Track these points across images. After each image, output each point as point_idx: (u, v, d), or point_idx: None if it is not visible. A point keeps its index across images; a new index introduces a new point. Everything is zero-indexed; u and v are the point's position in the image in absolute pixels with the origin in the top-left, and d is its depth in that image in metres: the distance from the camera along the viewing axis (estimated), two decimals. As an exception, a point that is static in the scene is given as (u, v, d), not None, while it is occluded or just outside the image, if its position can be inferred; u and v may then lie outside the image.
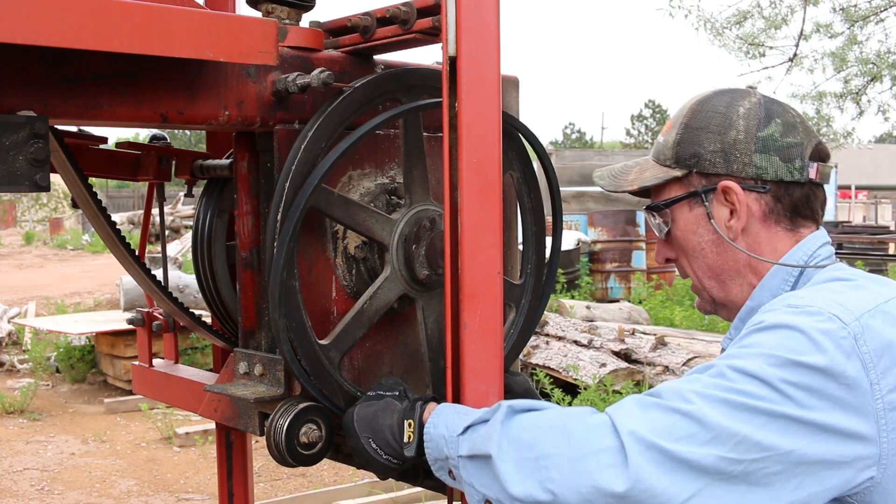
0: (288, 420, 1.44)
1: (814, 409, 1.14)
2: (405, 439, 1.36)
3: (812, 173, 1.39)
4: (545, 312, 7.53)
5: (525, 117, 1.75)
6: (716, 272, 1.44)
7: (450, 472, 1.31)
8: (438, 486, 1.49)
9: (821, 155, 1.42)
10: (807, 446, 1.14)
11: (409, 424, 1.37)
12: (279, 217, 1.42)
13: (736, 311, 1.45)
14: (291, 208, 1.42)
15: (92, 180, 1.61)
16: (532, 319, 1.77)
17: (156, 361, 2.07)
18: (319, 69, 1.45)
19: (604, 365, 6.50)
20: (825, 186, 1.45)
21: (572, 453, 1.16)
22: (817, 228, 1.42)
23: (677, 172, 1.44)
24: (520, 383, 1.68)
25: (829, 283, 1.33)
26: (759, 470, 1.13)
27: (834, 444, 1.15)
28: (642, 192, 1.52)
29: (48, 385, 8.55)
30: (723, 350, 1.42)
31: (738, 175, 1.39)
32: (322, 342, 1.48)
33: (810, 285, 1.36)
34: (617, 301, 10.88)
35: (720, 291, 1.45)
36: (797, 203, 1.40)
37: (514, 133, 1.67)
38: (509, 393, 1.59)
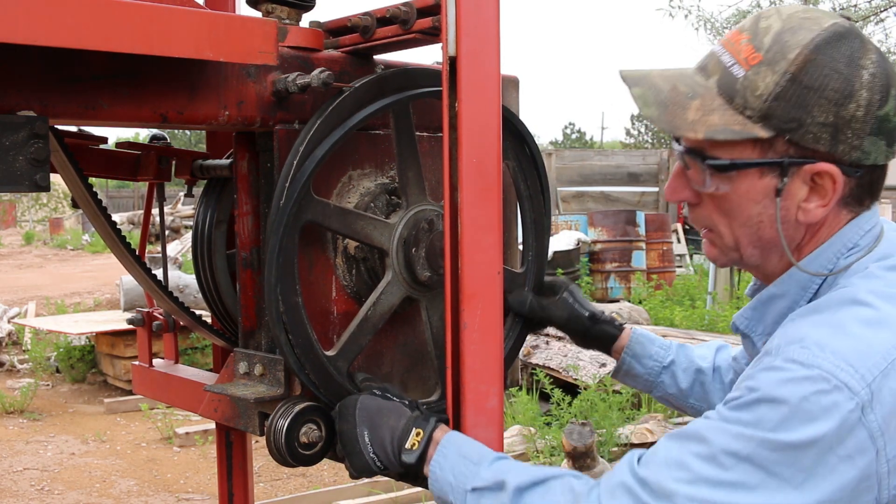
0: (288, 420, 1.44)
1: (813, 492, 1.04)
2: (408, 445, 1.34)
3: None
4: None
5: (525, 117, 1.75)
6: (764, 244, 1.24)
7: None
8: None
9: None
10: None
11: (418, 434, 1.34)
12: (275, 220, 1.43)
13: (760, 276, 1.31)
14: (275, 223, 1.41)
15: (92, 180, 1.61)
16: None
17: (156, 361, 2.07)
18: (319, 69, 1.45)
19: (604, 365, 6.50)
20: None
21: None
22: (874, 203, 1.25)
23: (762, 133, 1.16)
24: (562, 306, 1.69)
25: (853, 308, 1.13)
26: None
27: None
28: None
29: (48, 385, 8.55)
30: (735, 328, 1.34)
31: (841, 157, 1.16)
32: (329, 353, 1.48)
33: (847, 277, 1.20)
34: (617, 301, 10.87)
35: (758, 259, 1.27)
36: (874, 184, 1.22)
37: (506, 121, 1.67)
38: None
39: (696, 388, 1.73)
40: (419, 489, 4.33)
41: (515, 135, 1.70)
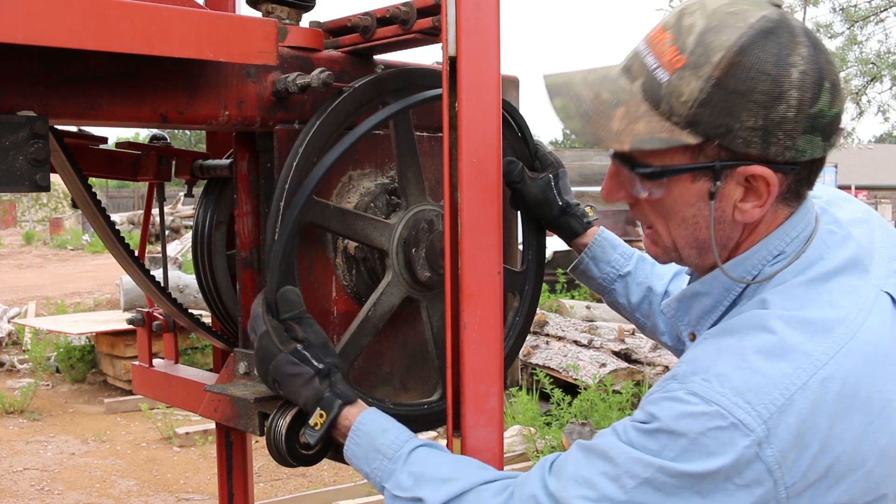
0: (288, 420, 1.44)
1: None
2: (311, 422, 1.35)
3: (838, 140, 1.17)
4: (545, 312, 7.53)
5: (525, 117, 1.74)
6: (701, 244, 1.22)
7: None
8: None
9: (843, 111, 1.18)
10: None
11: (322, 415, 1.35)
12: (278, 227, 1.43)
13: (699, 273, 1.29)
14: (280, 232, 1.42)
15: (92, 180, 1.61)
16: (534, 304, 1.78)
17: (156, 361, 2.07)
18: (319, 69, 1.45)
19: (604, 365, 6.50)
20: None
21: None
22: (802, 203, 1.21)
23: (690, 139, 1.12)
24: None
25: (759, 336, 1.11)
26: None
27: None
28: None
29: (48, 385, 8.55)
30: (662, 313, 1.34)
31: (774, 158, 1.12)
32: None
33: (767, 288, 1.18)
34: (617, 301, 10.86)
35: (696, 259, 1.25)
36: (813, 175, 1.18)
37: (506, 118, 1.67)
38: None
39: (643, 305, 1.75)
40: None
41: (515, 129, 1.71)
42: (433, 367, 1.64)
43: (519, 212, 1.80)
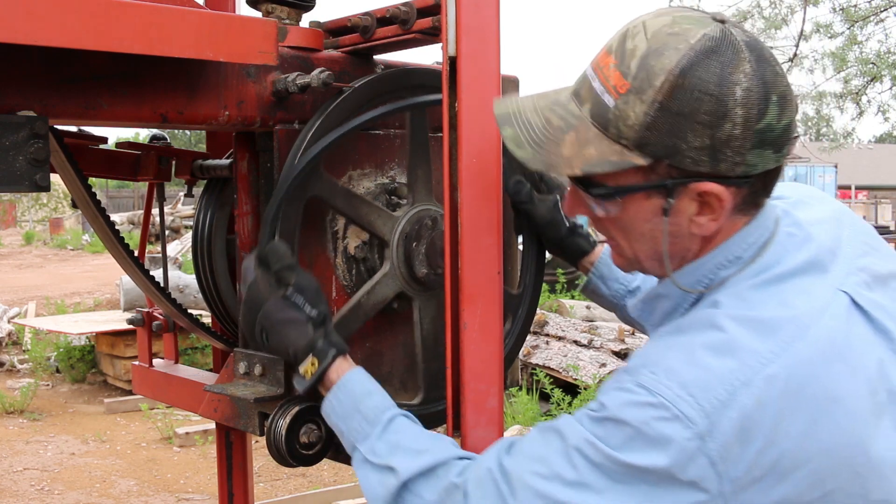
0: (288, 420, 1.44)
1: (658, 500, 1.08)
2: (302, 371, 1.34)
3: (792, 150, 1.18)
4: (545, 312, 7.54)
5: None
6: (661, 256, 1.23)
7: None
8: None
9: (796, 120, 1.19)
10: None
11: (314, 363, 1.33)
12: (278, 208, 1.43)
13: (660, 278, 1.30)
14: (280, 182, 1.42)
15: (92, 180, 1.61)
16: (527, 327, 1.78)
17: (156, 361, 2.07)
18: (319, 69, 1.45)
19: (604, 365, 6.50)
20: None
21: None
22: (762, 206, 1.21)
23: (641, 160, 1.13)
24: None
25: (708, 333, 1.13)
26: None
27: None
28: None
29: (48, 385, 8.55)
30: (630, 314, 1.36)
31: (725, 174, 1.13)
32: None
33: (720, 291, 1.19)
34: (617, 301, 10.87)
35: (658, 270, 1.26)
36: (767, 186, 1.19)
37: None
38: None
39: None
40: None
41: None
42: (418, 370, 1.63)
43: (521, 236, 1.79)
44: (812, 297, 1.16)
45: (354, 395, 1.33)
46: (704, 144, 1.10)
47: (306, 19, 1.62)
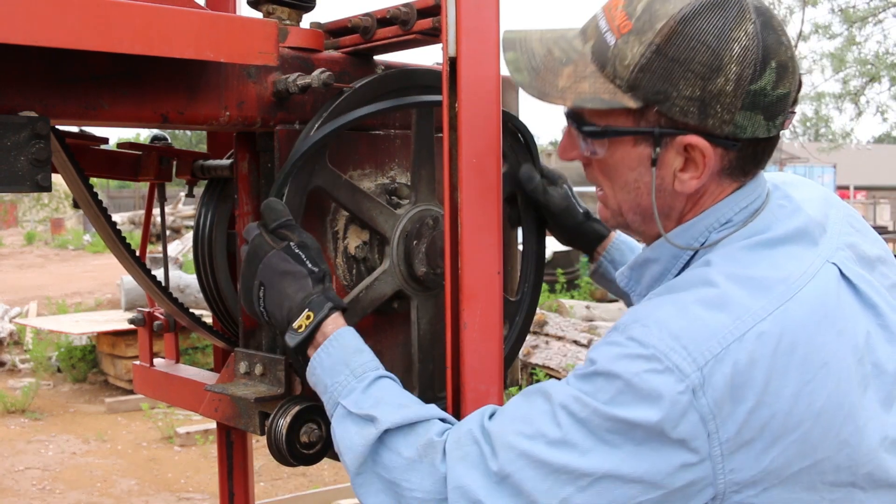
0: (288, 419, 1.45)
1: (641, 464, 1.06)
2: (296, 325, 1.30)
3: (787, 125, 1.18)
4: (545, 312, 7.54)
5: (525, 117, 1.75)
6: (643, 210, 1.24)
7: None
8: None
9: (798, 96, 1.20)
10: (635, 501, 1.07)
11: (309, 317, 1.30)
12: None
13: (646, 242, 1.31)
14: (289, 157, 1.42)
15: (93, 180, 1.62)
16: (524, 333, 1.78)
17: (157, 361, 2.08)
18: (320, 70, 1.46)
19: (604, 365, 6.50)
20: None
21: (414, 495, 1.18)
22: (752, 179, 1.22)
23: (631, 103, 1.14)
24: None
25: (701, 289, 1.13)
26: None
27: (664, 496, 1.07)
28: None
29: (49, 385, 8.56)
30: (618, 283, 1.36)
31: (712, 131, 1.13)
32: None
33: (712, 252, 1.19)
34: (616, 301, 10.88)
35: (640, 225, 1.28)
36: (758, 155, 1.19)
37: (514, 132, 1.67)
38: None
39: None
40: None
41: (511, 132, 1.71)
42: (413, 370, 1.63)
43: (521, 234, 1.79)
44: (802, 263, 1.17)
45: (346, 349, 1.30)
46: (695, 95, 1.11)
47: (307, 20, 1.63)
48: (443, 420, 1.26)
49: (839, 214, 1.31)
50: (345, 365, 1.29)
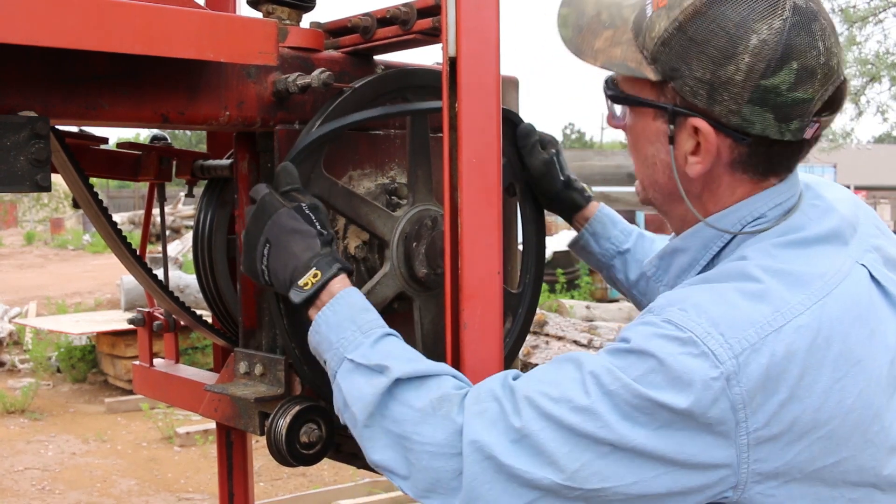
0: (288, 420, 1.45)
1: (664, 444, 1.05)
2: (302, 283, 1.28)
3: (809, 133, 1.16)
4: (545, 312, 7.54)
5: (525, 117, 1.75)
6: (660, 188, 1.27)
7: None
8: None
9: (834, 102, 1.17)
10: (653, 479, 1.06)
11: (316, 276, 1.28)
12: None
13: (674, 228, 1.32)
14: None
15: (93, 180, 1.62)
16: (527, 326, 1.78)
17: (156, 361, 2.07)
18: (320, 70, 1.46)
19: (604, 365, 6.50)
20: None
21: (425, 449, 1.15)
22: (786, 177, 1.23)
23: (652, 75, 1.18)
24: None
25: (740, 282, 1.12)
26: (600, 496, 1.08)
27: (685, 477, 1.07)
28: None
29: (49, 385, 8.56)
30: (645, 274, 1.36)
31: (718, 118, 1.15)
32: None
33: (746, 246, 1.20)
34: (616, 301, 10.88)
35: (662, 203, 1.30)
36: (775, 159, 1.19)
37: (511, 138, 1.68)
38: None
39: (641, 283, 1.75)
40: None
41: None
42: None
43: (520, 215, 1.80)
44: (835, 263, 1.17)
45: (353, 307, 1.28)
46: (705, 78, 1.13)
47: (306, 20, 1.63)
48: (454, 378, 1.24)
49: (865, 216, 1.31)
50: (351, 321, 1.27)
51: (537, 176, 1.71)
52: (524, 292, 1.76)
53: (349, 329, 1.26)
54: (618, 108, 1.30)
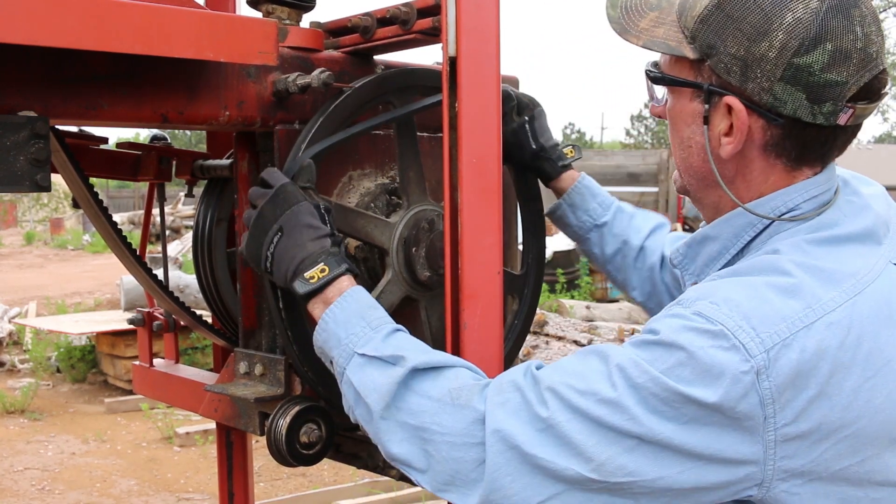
0: (288, 420, 1.44)
1: (691, 439, 1.04)
2: (308, 275, 1.27)
3: (843, 119, 1.15)
4: (545, 312, 7.54)
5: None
6: (694, 172, 1.27)
7: (330, 361, 1.28)
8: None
9: (871, 91, 1.16)
10: (679, 474, 1.06)
11: (323, 271, 1.28)
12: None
13: (706, 218, 1.31)
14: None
15: (93, 180, 1.61)
16: (534, 307, 1.78)
17: (156, 361, 2.07)
18: (319, 69, 1.46)
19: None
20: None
21: (444, 440, 1.14)
22: (822, 170, 1.21)
23: (690, 53, 1.20)
24: None
25: (772, 276, 1.11)
26: (624, 490, 1.07)
27: (711, 473, 1.06)
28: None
29: (49, 385, 8.55)
30: (671, 262, 1.35)
31: (751, 97, 1.16)
32: None
33: (778, 240, 1.19)
34: (617, 301, 10.88)
35: (697, 190, 1.30)
36: (808, 144, 1.18)
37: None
38: None
39: (617, 258, 1.74)
40: (419, 489, 4.33)
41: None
42: None
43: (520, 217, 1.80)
44: (868, 262, 1.16)
45: (361, 303, 1.27)
46: (739, 54, 1.15)
47: (306, 20, 1.63)
48: (469, 370, 1.22)
49: None
50: (360, 317, 1.26)
51: (507, 143, 1.65)
52: (528, 273, 1.76)
53: (358, 325, 1.25)
54: (658, 92, 1.31)
